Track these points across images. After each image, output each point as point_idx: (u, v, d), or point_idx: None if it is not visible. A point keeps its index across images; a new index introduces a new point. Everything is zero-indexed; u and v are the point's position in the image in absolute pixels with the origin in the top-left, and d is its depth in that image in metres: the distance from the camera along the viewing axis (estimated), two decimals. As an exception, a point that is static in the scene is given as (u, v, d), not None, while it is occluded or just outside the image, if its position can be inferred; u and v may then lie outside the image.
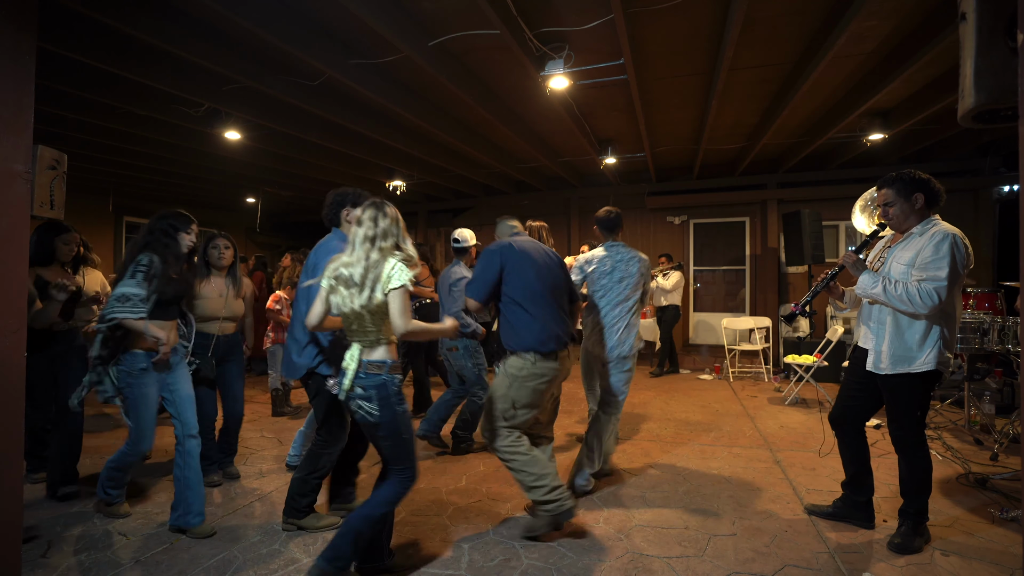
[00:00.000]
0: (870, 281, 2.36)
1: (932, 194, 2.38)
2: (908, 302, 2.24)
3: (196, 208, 10.39)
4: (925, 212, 2.39)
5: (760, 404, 5.32)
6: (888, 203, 2.44)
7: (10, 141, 1.72)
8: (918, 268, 2.27)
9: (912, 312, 2.27)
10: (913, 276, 2.27)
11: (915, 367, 2.32)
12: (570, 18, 3.59)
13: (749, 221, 8.20)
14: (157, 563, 2.31)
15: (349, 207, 2.64)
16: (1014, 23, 1.29)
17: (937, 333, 2.30)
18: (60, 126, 5.28)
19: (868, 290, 2.37)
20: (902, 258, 2.36)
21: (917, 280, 2.25)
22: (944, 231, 2.29)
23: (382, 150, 6.64)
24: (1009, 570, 2.25)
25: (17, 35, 1.74)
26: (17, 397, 1.75)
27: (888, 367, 2.38)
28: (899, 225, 2.44)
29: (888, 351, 2.38)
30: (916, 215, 2.39)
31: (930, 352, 2.30)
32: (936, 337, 2.30)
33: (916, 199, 2.37)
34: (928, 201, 2.38)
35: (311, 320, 2.14)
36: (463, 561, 2.35)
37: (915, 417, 2.38)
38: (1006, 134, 6.03)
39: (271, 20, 3.30)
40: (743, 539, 2.54)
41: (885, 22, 3.56)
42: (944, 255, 2.21)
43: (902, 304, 2.26)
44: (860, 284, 2.41)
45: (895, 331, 2.37)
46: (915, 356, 2.32)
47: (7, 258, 1.72)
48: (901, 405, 2.40)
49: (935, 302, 2.19)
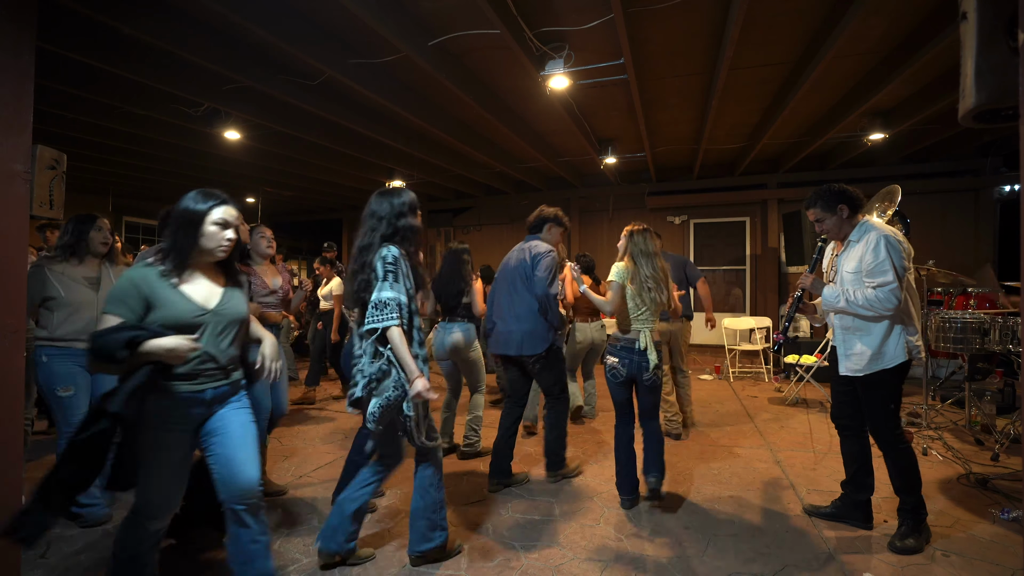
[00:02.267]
0: (832, 295, 2.51)
1: (853, 201, 2.54)
2: (869, 307, 2.38)
3: (196, 208, 10.41)
4: (854, 218, 2.55)
5: (760, 404, 5.32)
6: (819, 219, 2.61)
7: (10, 141, 1.72)
8: (867, 275, 2.41)
9: (876, 316, 2.41)
10: (866, 283, 2.42)
11: (888, 363, 2.43)
12: (570, 18, 3.59)
13: (749, 221, 8.20)
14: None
15: (552, 224, 3.34)
16: (1014, 23, 1.29)
17: (900, 327, 2.44)
18: (60, 126, 5.28)
19: (833, 304, 2.51)
20: (848, 266, 2.52)
21: (872, 287, 2.39)
22: (877, 234, 2.42)
23: (382, 150, 6.64)
24: (1010, 570, 2.25)
25: (17, 34, 1.74)
26: (17, 397, 1.75)
27: (864, 367, 2.47)
28: (836, 235, 2.60)
29: (859, 354, 2.49)
30: (847, 223, 2.55)
31: (898, 345, 2.43)
32: (899, 331, 2.43)
33: (841, 210, 2.53)
34: (852, 208, 2.54)
35: (609, 308, 2.82)
36: (463, 561, 2.35)
37: (890, 410, 2.46)
38: (1006, 134, 6.03)
39: (271, 20, 3.30)
40: (743, 539, 2.54)
41: (885, 21, 3.56)
42: (883, 258, 2.36)
43: (866, 311, 2.40)
44: (824, 300, 2.56)
45: (862, 335, 2.49)
46: (886, 352, 2.43)
47: (7, 258, 1.72)
48: (876, 401, 2.49)
49: (895, 303, 2.33)
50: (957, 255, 6.81)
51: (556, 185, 8.87)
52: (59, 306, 2.56)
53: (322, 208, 11.09)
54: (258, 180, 8.14)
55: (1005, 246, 6.39)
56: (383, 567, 2.29)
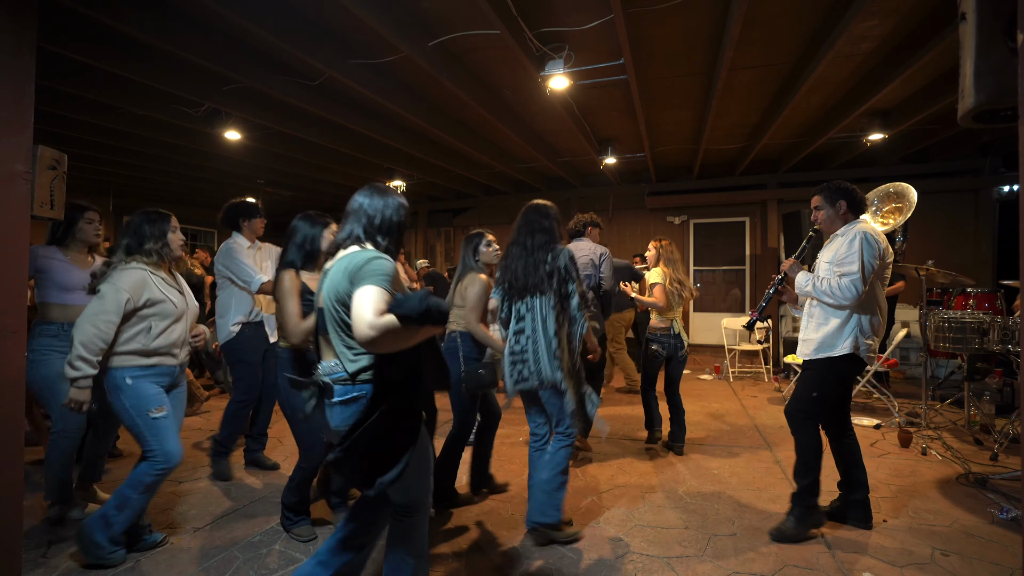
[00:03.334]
0: (804, 280, 2.62)
1: (855, 202, 2.60)
2: (831, 295, 2.48)
3: (196, 208, 10.42)
4: (849, 217, 2.61)
5: (760, 404, 5.32)
6: (817, 207, 2.69)
7: (10, 141, 1.72)
8: (837, 264, 2.51)
9: (836, 304, 2.50)
10: (834, 271, 2.52)
11: (834, 352, 2.52)
12: (570, 18, 3.59)
13: (749, 221, 8.21)
14: (157, 563, 2.31)
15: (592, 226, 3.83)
16: (1014, 23, 1.29)
17: (855, 321, 2.51)
18: (60, 126, 5.28)
19: (803, 288, 2.63)
20: (826, 256, 2.63)
21: (838, 276, 2.49)
22: (859, 231, 2.50)
23: (382, 150, 6.65)
24: (1009, 570, 2.25)
25: (17, 34, 1.74)
26: (17, 397, 1.75)
27: (811, 352, 2.59)
28: (827, 228, 2.68)
29: (814, 339, 2.59)
30: (840, 219, 2.62)
31: (847, 339, 2.50)
32: (854, 325, 2.51)
33: (840, 205, 2.60)
34: (851, 207, 2.60)
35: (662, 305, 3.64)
36: (463, 560, 2.36)
37: (811, 397, 2.55)
38: (1006, 134, 6.03)
39: (271, 20, 3.31)
40: (743, 539, 2.54)
41: (885, 22, 3.56)
42: (855, 251, 2.45)
43: (827, 297, 2.50)
44: (797, 283, 2.68)
45: (821, 321, 2.59)
46: (834, 343, 2.52)
47: (7, 258, 1.72)
48: (805, 383, 2.62)
49: (854, 294, 2.42)
50: (957, 255, 6.81)
51: (556, 185, 8.88)
52: (159, 314, 2.28)
53: (322, 208, 11.06)
54: (258, 180, 8.14)
55: (1004, 246, 6.40)
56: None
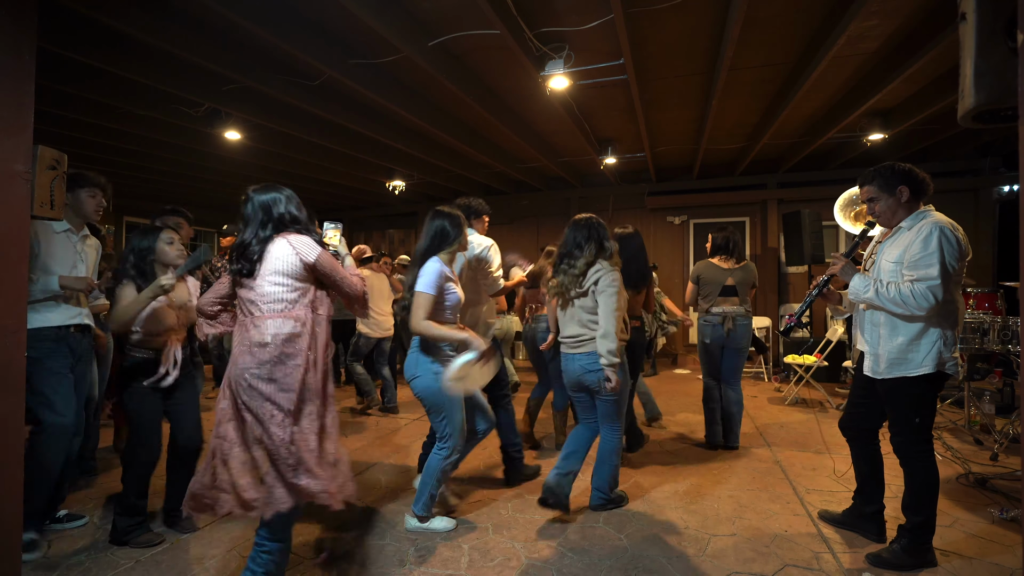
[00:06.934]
0: (862, 285, 2.23)
1: (917, 185, 2.23)
2: (902, 304, 2.11)
3: (196, 208, 10.37)
4: (914, 205, 2.25)
5: (760, 404, 5.32)
6: (872, 199, 2.31)
7: (10, 141, 1.72)
8: (908, 267, 2.14)
9: (908, 314, 2.14)
10: (905, 276, 2.15)
11: (912, 370, 2.17)
12: (570, 18, 3.59)
13: (749, 221, 8.20)
14: (157, 563, 2.31)
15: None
16: (1014, 23, 1.29)
17: (936, 334, 2.14)
18: (60, 126, 5.28)
19: (860, 295, 2.24)
20: (890, 255, 2.24)
21: (910, 280, 2.11)
22: (932, 223, 2.13)
23: (382, 150, 6.64)
24: (1009, 570, 2.25)
25: (17, 34, 1.74)
26: (18, 397, 1.75)
27: (884, 371, 2.24)
28: (888, 221, 2.31)
29: (884, 354, 2.24)
30: (904, 209, 2.25)
31: (928, 353, 2.15)
32: (935, 338, 2.14)
33: (901, 192, 2.23)
34: (914, 192, 2.24)
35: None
36: (463, 561, 2.36)
37: (913, 424, 2.21)
38: (1006, 134, 6.03)
39: (271, 20, 3.31)
40: (743, 539, 2.54)
41: (885, 22, 3.56)
42: (933, 251, 2.07)
43: (896, 307, 2.13)
44: (852, 289, 2.29)
45: (889, 333, 2.22)
46: (912, 359, 2.17)
47: (7, 258, 1.72)
48: (899, 410, 2.26)
49: (931, 302, 2.05)
50: (957, 255, 6.79)
51: (556, 185, 8.87)
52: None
53: (322, 208, 11.08)
54: (258, 180, 8.09)
55: (1004, 246, 6.39)
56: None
